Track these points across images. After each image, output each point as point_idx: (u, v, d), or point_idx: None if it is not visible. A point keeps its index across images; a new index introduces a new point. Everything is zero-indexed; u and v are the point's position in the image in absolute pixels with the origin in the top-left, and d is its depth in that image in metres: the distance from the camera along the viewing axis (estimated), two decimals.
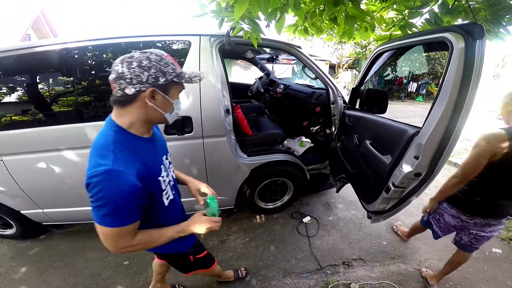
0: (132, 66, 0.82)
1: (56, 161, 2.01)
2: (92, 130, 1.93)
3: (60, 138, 1.95)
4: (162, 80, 0.86)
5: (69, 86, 1.95)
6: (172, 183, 1.14)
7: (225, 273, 2.08)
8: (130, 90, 0.83)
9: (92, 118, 1.95)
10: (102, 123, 1.84)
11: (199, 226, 1.09)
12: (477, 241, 1.77)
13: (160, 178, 1.00)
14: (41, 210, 2.30)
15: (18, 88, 1.97)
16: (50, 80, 2.00)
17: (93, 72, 2.00)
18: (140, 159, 0.90)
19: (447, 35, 1.24)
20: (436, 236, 2.01)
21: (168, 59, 0.88)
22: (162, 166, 1.04)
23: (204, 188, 1.29)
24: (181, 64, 1.98)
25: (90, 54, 1.96)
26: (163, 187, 1.03)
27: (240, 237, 2.67)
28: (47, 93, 1.97)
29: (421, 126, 1.43)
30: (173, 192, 1.13)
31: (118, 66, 0.83)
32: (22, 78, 1.98)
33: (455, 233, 1.89)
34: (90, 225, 2.87)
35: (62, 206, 2.31)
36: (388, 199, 1.70)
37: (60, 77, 1.98)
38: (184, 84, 0.94)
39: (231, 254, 2.44)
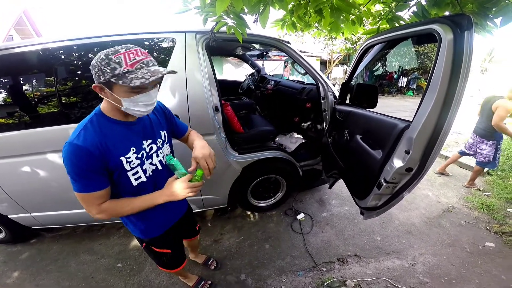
0: (93, 63, 0.92)
1: (41, 165, 1.96)
2: None
3: (45, 140, 1.90)
4: (102, 79, 0.90)
5: (53, 87, 1.88)
6: (152, 167, 1.16)
7: (188, 276, 2.09)
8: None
9: (77, 120, 1.88)
10: None
11: (173, 193, 1.07)
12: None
13: (123, 158, 1.03)
14: (29, 214, 2.26)
15: (1, 90, 1.90)
16: (34, 81, 1.93)
17: (78, 72, 1.93)
18: (105, 138, 0.99)
19: (435, 26, 1.22)
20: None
21: (115, 58, 0.89)
22: (133, 148, 1.07)
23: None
24: (166, 62, 1.93)
25: (75, 54, 1.90)
26: (127, 167, 1.05)
27: (234, 236, 2.65)
28: (30, 95, 1.90)
29: (411, 120, 1.41)
30: (148, 175, 1.14)
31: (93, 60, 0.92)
32: (5, 80, 1.90)
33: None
34: (81, 228, 2.82)
35: (50, 209, 2.27)
36: (380, 195, 1.68)
37: (44, 78, 1.91)
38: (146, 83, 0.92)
39: (226, 254, 2.42)
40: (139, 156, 1.09)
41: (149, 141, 1.14)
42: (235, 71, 11.85)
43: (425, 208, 3.13)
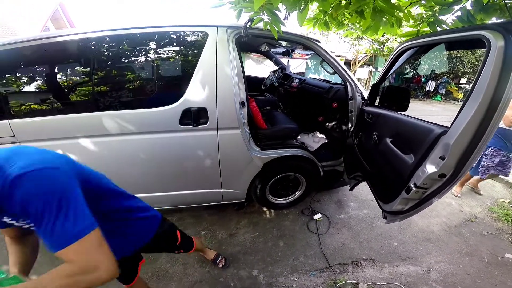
0: None
1: (73, 149, 2.03)
2: (108, 119, 1.94)
3: (77, 126, 1.97)
4: None
5: (87, 76, 1.96)
6: None
7: None
8: None
9: (108, 108, 1.96)
10: (118, 112, 1.91)
11: None
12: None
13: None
14: None
15: (37, 77, 1.99)
16: (68, 70, 2.02)
17: (109, 62, 2.01)
18: None
19: (484, 33, 1.18)
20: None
21: None
22: None
23: None
24: (198, 56, 1.96)
25: (107, 44, 1.96)
26: None
27: (249, 231, 2.67)
28: (65, 83, 1.99)
29: (448, 126, 1.38)
30: None
31: None
32: (42, 68, 2.00)
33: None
34: None
35: None
36: (408, 199, 1.65)
37: (78, 67, 2.00)
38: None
39: (240, 248, 2.45)
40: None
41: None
42: (256, 67, 11.84)
43: (446, 216, 3.06)
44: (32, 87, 1.97)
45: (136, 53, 2.00)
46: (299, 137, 3.21)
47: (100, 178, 1.01)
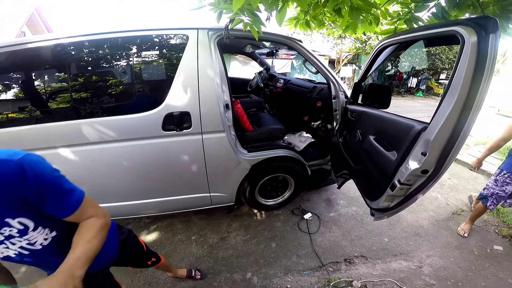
0: None
1: (53, 159, 1.94)
2: (88, 127, 1.88)
3: (56, 135, 1.91)
4: None
5: (65, 82, 1.90)
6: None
7: None
8: None
9: (88, 115, 1.91)
10: (98, 119, 1.86)
11: None
12: None
13: None
14: None
15: (13, 85, 1.92)
16: (45, 76, 1.94)
17: (89, 68, 1.95)
18: None
19: (458, 28, 1.20)
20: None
21: None
22: None
23: None
24: (178, 59, 1.93)
25: (86, 49, 1.90)
26: None
27: (240, 234, 2.65)
28: (42, 90, 1.91)
29: (428, 122, 1.39)
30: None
31: None
32: (17, 75, 1.92)
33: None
34: None
35: None
36: (393, 196, 1.67)
37: (56, 74, 1.93)
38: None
39: (232, 252, 2.42)
40: None
41: None
42: (242, 68, 11.83)
43: (434, 210, 3.11)
44: (8, 95, 1.89)
45: (116, 57, 1.95)
46: (285, 137, 3.22)
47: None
